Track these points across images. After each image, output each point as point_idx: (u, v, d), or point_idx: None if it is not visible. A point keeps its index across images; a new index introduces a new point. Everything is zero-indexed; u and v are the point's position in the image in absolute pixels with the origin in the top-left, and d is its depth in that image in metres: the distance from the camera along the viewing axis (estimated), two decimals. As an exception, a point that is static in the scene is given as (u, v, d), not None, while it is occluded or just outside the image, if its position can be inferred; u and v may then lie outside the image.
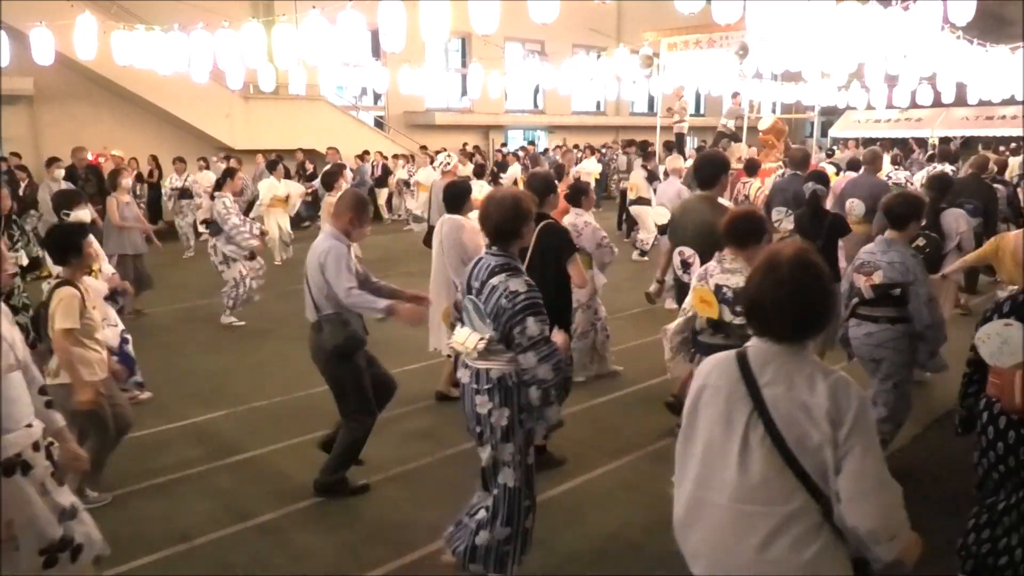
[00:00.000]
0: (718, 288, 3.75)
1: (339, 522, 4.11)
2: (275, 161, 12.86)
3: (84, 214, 6.14)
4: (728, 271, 3.75)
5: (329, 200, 8.03)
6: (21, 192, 11.60)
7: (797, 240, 5.03)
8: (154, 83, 13.31)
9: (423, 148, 17.83)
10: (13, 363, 2.69)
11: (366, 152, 17.48)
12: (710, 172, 4.86)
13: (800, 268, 2.00)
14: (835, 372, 2.03)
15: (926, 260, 4.64)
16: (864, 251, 4.47)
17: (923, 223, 4.96)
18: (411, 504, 4.31)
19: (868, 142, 21.62)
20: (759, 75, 15.53)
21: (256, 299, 8.31)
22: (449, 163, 9.28)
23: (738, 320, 3.64)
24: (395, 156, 18.05)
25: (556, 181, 5.45)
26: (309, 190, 13.32)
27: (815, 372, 2.01)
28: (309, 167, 16.25)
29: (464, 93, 22.22)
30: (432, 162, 11.72)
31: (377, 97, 21.44)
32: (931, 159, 16.85)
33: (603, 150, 21.68)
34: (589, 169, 17.76)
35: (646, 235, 11.74)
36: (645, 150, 14.25)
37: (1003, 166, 11.37)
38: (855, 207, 7.13)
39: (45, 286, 4.53)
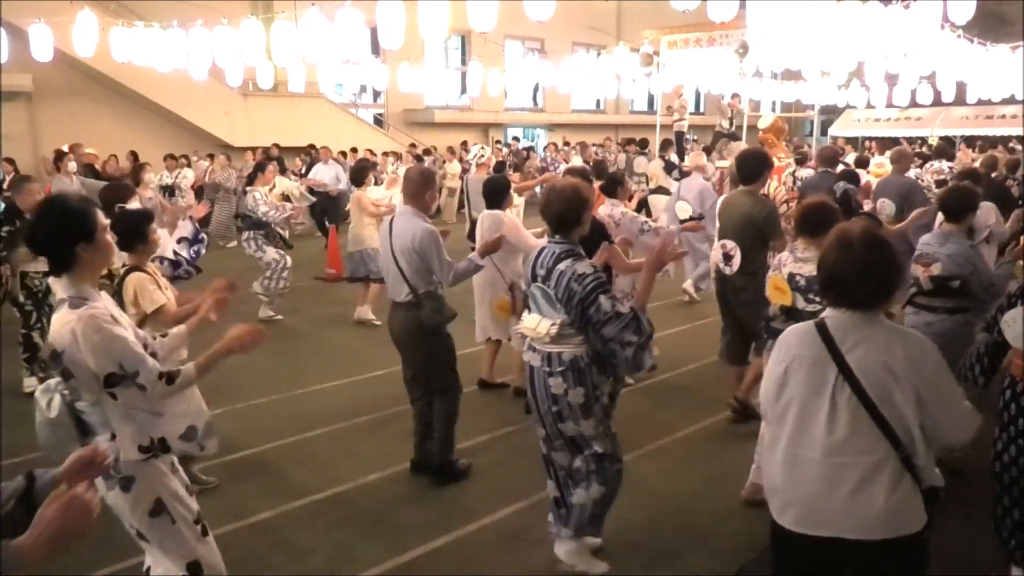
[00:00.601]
0: (791, 276, 3.89)
1: (336, 521, 4.11)
2: (262, 163, 12.29)
3: (135, 207, 6.16)
4: (801, 260, 3.89)
5: (359, 194, 8.06)
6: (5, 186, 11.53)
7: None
8: (153, 80, 13.31)
9: (412, 146, 17.74)
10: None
11: (354, 149, 16.87)
12: (754, 168, 5.13)
13: (871, 243, 2.26)
14: (910, 333, 2.33)
15: None
16: (922, 242, 4.54)
17: None
18: (408, 503, 4.30)
19: (858, 142, 21.67)
20: (759, 73, 15.52)
21: (286, 292, 8.34)
22: (483, 155, 9.28)
23: (810, 307, 3.76)
24: (385, 153, 17.73)
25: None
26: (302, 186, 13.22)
27: (891, 335, 2.28)
28: (298, 164, 15.89)
29: (464, 91, 22.23)
30: (461, 156, 11.59)
31: (376, 95, 21.41)
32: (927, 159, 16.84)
33: (595, 148, 21.20)
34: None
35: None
36: (644, 148, 14.26)
37: (1014, 165, 11.30)
38: (885, 206, 7.15)
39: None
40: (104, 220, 2.55)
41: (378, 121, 21.53)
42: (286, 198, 10.21)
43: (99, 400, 2.54)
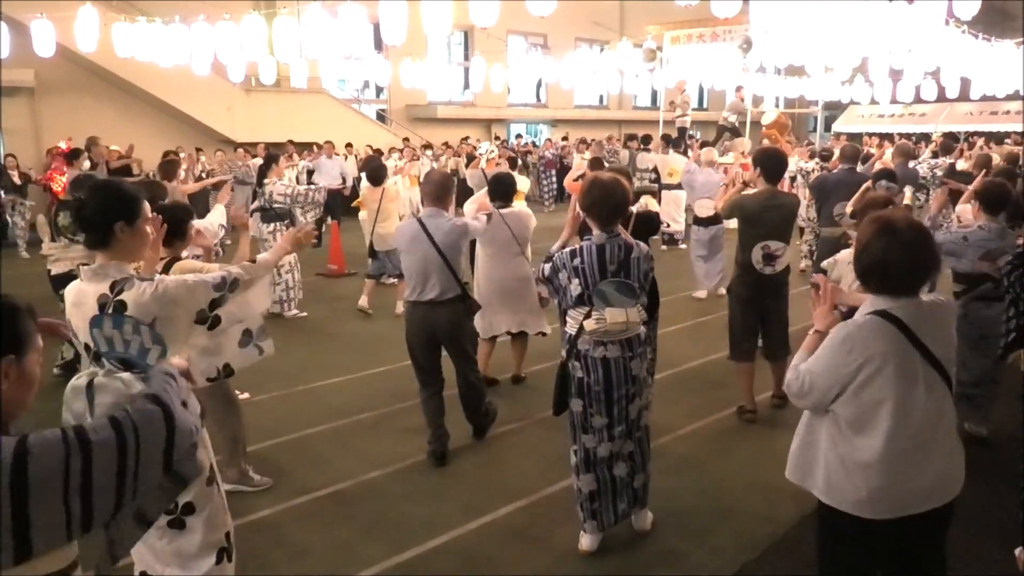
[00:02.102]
0: None
1: (336, 518, 4.10)
2: (273, 156, 12.22)
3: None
4: None
5: (369, 193, 8.06)
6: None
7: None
8: (155, 75, 13.28)
9: (405, 140, 17.66)
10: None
11: (348, 145, 16.58)
12: (775, 165, 5.28)
13: (916, 228, 2.37)
14: (936, 299, 2.46)
15: None
16: (979, 240, 4.53)
17: None
18: (408, 501, 4.29)
19: (853, 137, 21.57)
20: (762, 69, 15.50)
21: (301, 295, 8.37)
22: (494, 151, 9.28)
23: None
24: (391, 149, 17.54)
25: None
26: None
27: (941, 308, 2.44)
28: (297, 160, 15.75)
29: (466, 86, 22.15)
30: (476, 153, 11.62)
31: (379, 90, 21.39)
32: (935, 154, 16.79)
33: (590, 143, 20.75)
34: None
35: (676, 226, 11.68)
36: (648, 144, 14.21)
37: (1014, 158, 11.25)
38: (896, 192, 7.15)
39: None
40: (149, 212, 2.73)
41: (381, 117, 21.50)
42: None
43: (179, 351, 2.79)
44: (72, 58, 13.23)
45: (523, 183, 7.41)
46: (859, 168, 7.84)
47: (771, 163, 5.26)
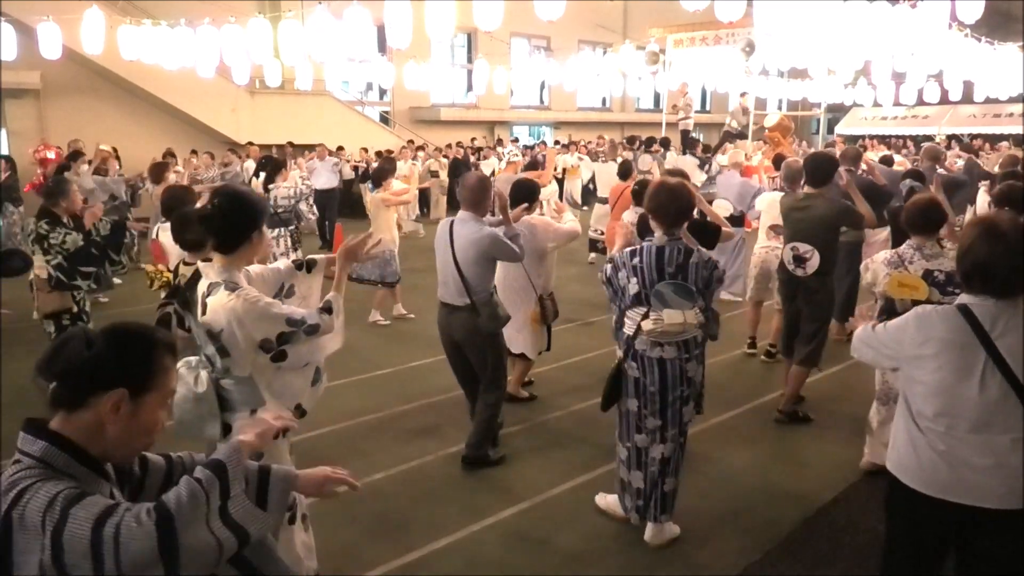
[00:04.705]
0: (928, 273, 4.02)
1: (339, 521, 4.11)
2: (278, 161, 11.69)
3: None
4: (930, 256, 4.05)
5: (381, 196, 8.02)
6: None
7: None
8: (160, 78, 13.31)
9: (409, 142, 17.64)
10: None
11: (340, 148, 16.27)
12: (825, 171, 5.27)
13: (1020, 231, 2.39)
14: None
15: None
16: None
17: None
18: (412, 503, 4.31)
19: (851, 139, 21.55)
20: (765, 72, 15.50)
21: None
22: (517, 154, 9.24)
23: (946, 299, 3.82)
24: (403, 149, 17.44)
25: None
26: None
27: None
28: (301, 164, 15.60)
29: (469, 88, 22.18)
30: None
31: (383, 92, 21.41)
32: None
33: (587, 145, 20.30)
34: (571, 163, 17.60)
35: None
36: (650, 147, 14.25)
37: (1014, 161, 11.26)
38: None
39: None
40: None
41: (384, 119, 21.54)
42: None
43: (249, 376, 2.82)
44: (78, 60, 13.27)
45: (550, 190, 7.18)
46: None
47: (821, 168, 5.31)
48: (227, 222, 2.77)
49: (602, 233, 9.26)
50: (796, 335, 5.42)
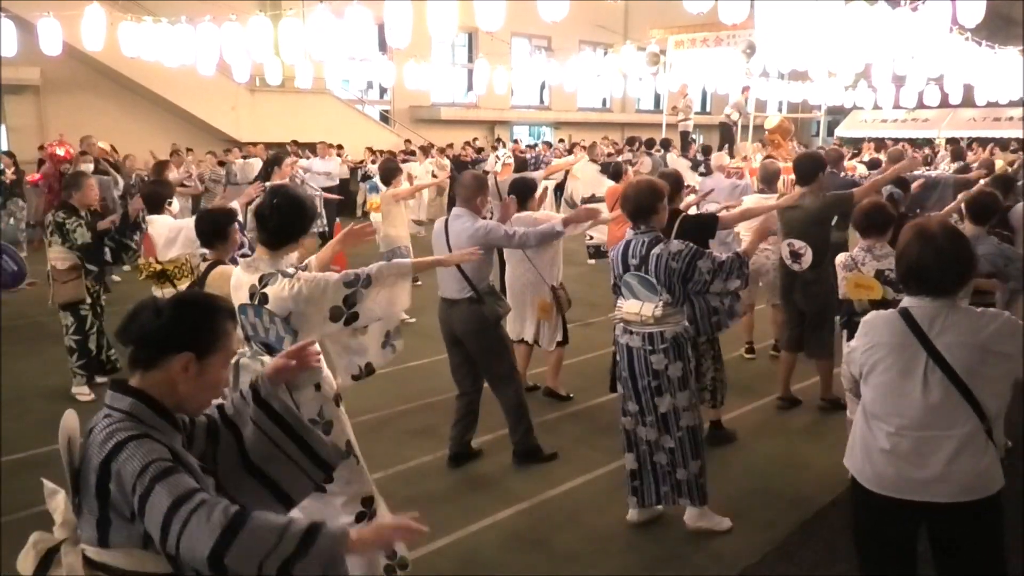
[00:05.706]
0: (880, 272, 4.14)
1: (339, 519, 4.11)
2: (278, 158, 9.83)
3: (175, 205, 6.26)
4: (881, 256, 4.19)
5: (390, 193, 8.03)
6: None
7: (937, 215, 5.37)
8: (161, 75, 13.33)
9: (407, 142, 17.61)
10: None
11: (339, 146, 16.09)
12: (810, 169, 5.45)
13: (952, 235, 2.48)
14: (995, 311, 2.52)
15: None
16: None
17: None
18: (410, 503, 4.30)
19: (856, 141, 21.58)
20: (766, 74, 15.51)
21: None
22: (511, 156, 9.26)
23: (900, 296, 3.80)
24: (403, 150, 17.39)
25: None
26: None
27: (977, 316, 2.45)
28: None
29: (470, 88, 22.18)
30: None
31: (383, 91, 21.42)
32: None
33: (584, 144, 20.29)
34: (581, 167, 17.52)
35: None
36: (652, 147, 14.24)
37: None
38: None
39: None
40: None
41: (384, 118, 21.54)
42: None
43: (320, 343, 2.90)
44: (78, 57, 13.27)
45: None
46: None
47: (805, 166, 5.51)
48: (284, 221, 2.98)
49: (591, 238, 9.25)
50: (797, 329, 5.57)
